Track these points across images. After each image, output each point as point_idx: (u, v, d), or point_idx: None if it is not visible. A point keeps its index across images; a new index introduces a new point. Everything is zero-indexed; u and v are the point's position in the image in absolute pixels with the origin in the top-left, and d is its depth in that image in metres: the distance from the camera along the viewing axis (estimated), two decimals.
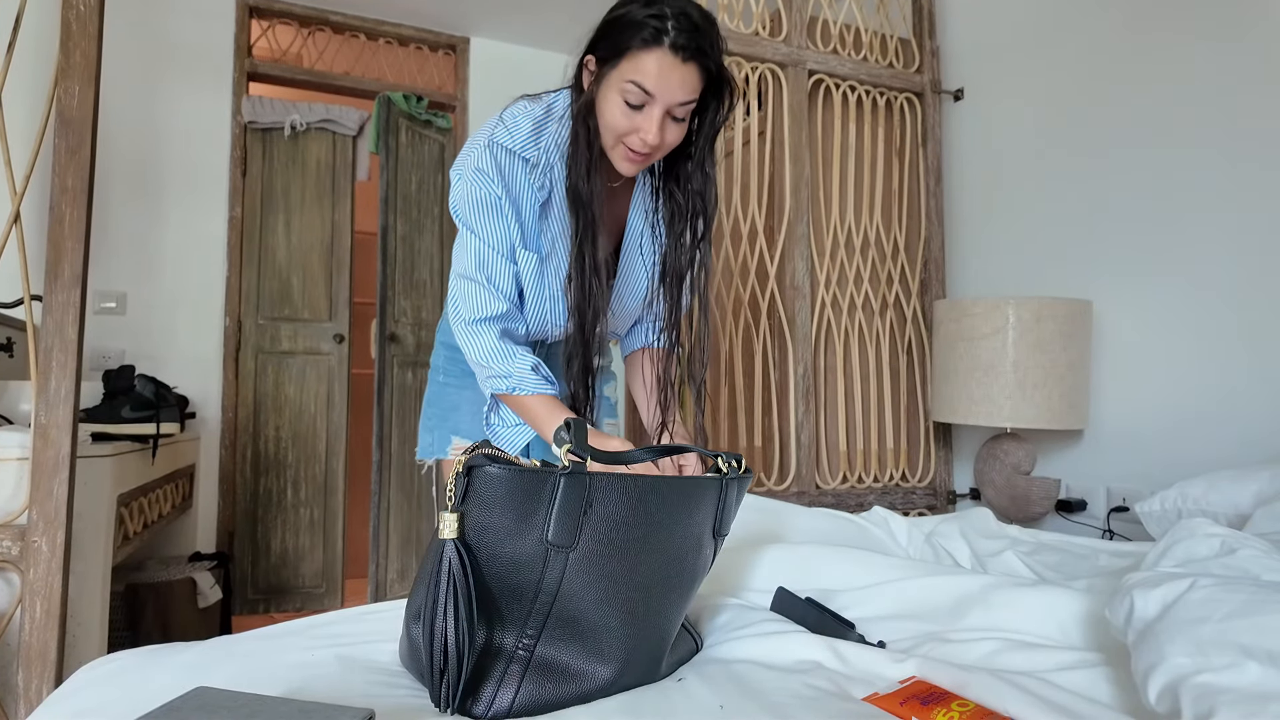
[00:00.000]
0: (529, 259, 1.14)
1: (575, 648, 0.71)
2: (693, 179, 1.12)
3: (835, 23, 2.41)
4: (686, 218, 1.14)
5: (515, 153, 1.10)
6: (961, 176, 2.51)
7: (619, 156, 1.06)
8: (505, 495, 0.67)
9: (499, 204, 1.09)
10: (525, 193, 1.11)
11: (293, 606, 3.03)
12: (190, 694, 0.59)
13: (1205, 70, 1.86)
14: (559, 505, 0.68)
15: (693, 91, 1.01)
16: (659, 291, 1.18)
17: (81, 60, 1.40)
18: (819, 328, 2.35)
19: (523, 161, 1.10)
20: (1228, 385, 1.80)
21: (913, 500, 2.40)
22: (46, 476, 1.34)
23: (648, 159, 1.05)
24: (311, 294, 3.14)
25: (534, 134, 1.10)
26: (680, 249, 1.15)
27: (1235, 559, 0.79)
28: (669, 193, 1.15)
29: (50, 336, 1.36)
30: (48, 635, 1.32)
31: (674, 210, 1.15)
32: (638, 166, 1.06)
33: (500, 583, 0.69)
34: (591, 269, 1.09)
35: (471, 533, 0.67)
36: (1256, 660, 0.59)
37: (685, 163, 1.13)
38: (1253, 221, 1.77)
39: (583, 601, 0.71)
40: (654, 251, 1.18)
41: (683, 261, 1.16)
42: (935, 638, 0.88)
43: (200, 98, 2.95)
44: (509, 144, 1.09)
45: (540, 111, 1.11)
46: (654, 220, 1.18)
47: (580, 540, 0.69)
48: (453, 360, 1.32)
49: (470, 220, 1.11)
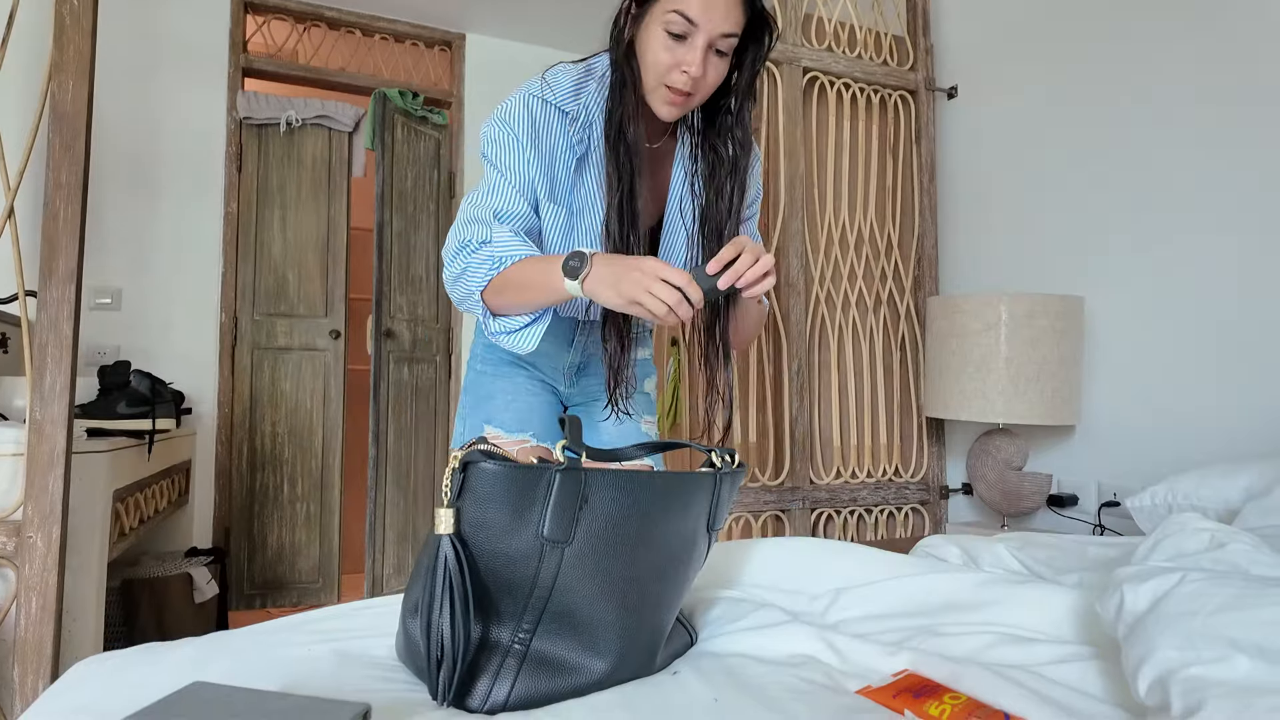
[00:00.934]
0: (555, 211, 1.10)
1: (571, 642, 0.71)
2: (733, 130, 1.11)
3: (829, 20, 2.41)
4: (727, 169, 1.12)
5: (553, 104, 1.08)
6: (955, 174, 2.52)
7: (660, 100, 1.03)
8: (501, 491, 0.68)
9: (520, 143, 1.07)
10: (561, 145, 1.09)
11: (289, 602, 3.03)
12: (186, 689, 0.59)
13: (1198, 68, 1.87)
14: (554, 501, 0.69)
15: (736, 24, 1.00)
16: (699, 245, 1.14)
17: (75, 55, 1.40)
18: (813, 324, 2.36)
19: (560, 113, 1.08)
20: (1218, 381, 1.81)
21: (905, 495, 2.41)
22: (42, 472, 1.34)
23: (689, 101, 1.03)
24: (307, 290, 3.13)
25: (574, 90, 1.08)
26: (720, 201, 1.12)
27: (1224, 553, 0.79)
28: (709, 146, 1.13)
29: (45, 332, 1.36)
30: (43, 631, 1.32)
31: (713, 162, 1.12)
32: (679, 109, 1.04)
33: (496, 578, 0.69)
34: (629, 221, 1.05)
35: (468, 528, 0.68)
36: (1245, 653, 0.60)
37: (724, 116, 1.11)
38: (1245, 219, 1.78)
39: (578, 596, 0.71)
40: (694, 211, 1.15)
41: (723, 213, 1.13)
42: (928, 631, 0.88)
43: (196, 93, 2.94)
44: (547, 96, 1.07)
45: (581, 70, 1.10)
46: (694, 180, 1.15)
47: (576, 536, 0.70)
48: (490, 348, 1.28)
49: (491, 154, 1.09)
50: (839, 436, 2.37)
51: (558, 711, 0.68)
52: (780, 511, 2.25)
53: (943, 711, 0.68)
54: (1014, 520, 2.17)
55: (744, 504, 2.20)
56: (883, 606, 0.96)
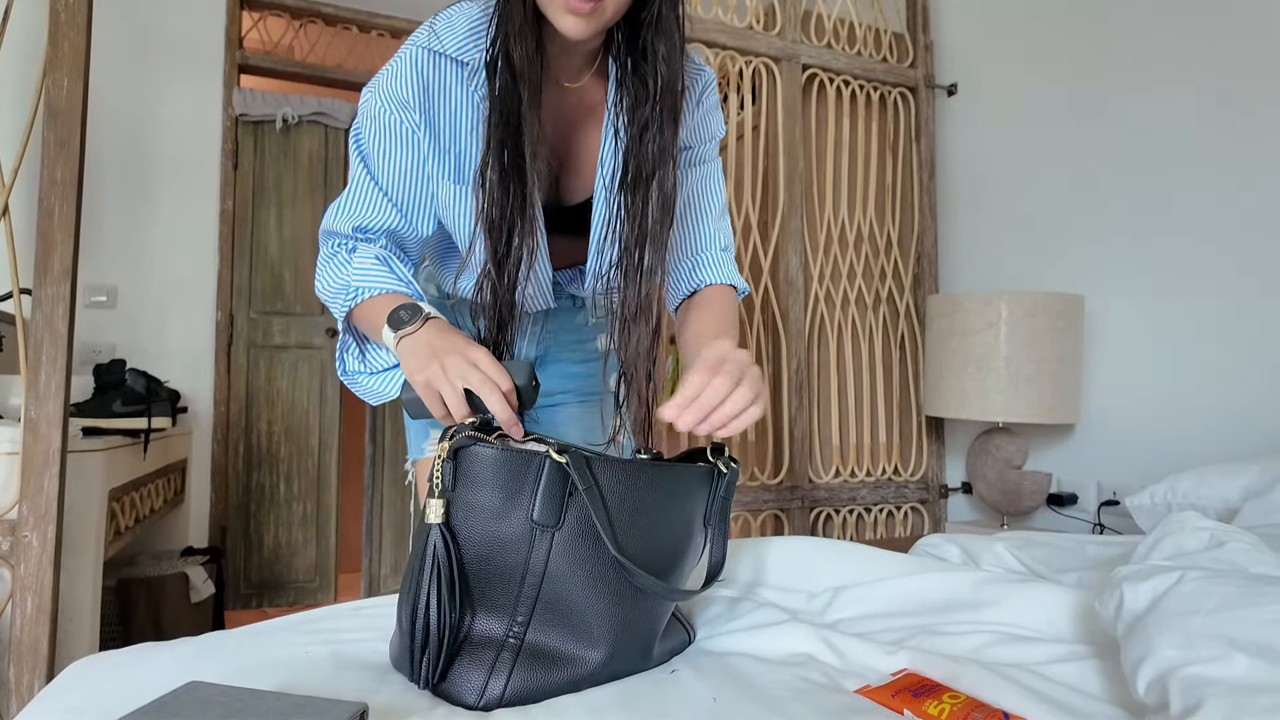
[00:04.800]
0: (458, 194, 0.90)
1: (565, 633, 0.71)
2: (656, 43, 0.86)
3: (829, 17, 2.41)
4: (651, 97, 0.87)
5: (447, 55, 0.87)
6: (954, 171, 2.52)
7: (558, 10, 0.79)
8: (492, 475, 0.68)
9: (398, 127, 0.87)
10: (463, 107, 0.88)
11: (286, 601, 3.02)
12: (182, 688, 0.59)
13: (1198, 66, 1.87)
14: (544, 485, 0.69)
15: None
16: (617, 203, 0.89)
17: (70, 52, 1.39)
18: (812, 322, 2.35)
19: (457, 65, 0.87)
20: (1218, 380, 1.81)
21: (905, 495, 2.41)
22: (37, 471, 1.34)
23: (595, 11, 0.78)
24: (304, 288, 3.12)
25: (471, 33, 0.87)
26: (646, 139, 0.87)
27: (1224, 552, 0.79)
28: (632, 69, 0.88)
29: (40, 330, 1.35)
30: (39, 630, 1.32)
31: (637, 90, 0.88)
32: (584, 23, 0.79)
33: (488, 565, 0.69)
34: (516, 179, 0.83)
35: (459, 513, 0.69)
36: (1245, 652, 0.60)
37: (646, 30, 0.86)
38: (1244, 217, 1.77)
39: (570, 584, 0.71)
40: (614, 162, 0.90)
41: (650, 157, 0.87)
42: (927, 631, 0.88)
43: (191, 90, 2.93)
44: (438, 47, 0.86)
45: (479, 10, 0.88)
46: (618, 119, 0.90)
47: (566, 520, 0.70)
48: None
49: (364, 140, 0.90)
50: (838, 435, 2.37)
51: (555, 710, 0.68)
52: (779, 510, 2.25)
53: (942, 711, 0.68)
54: (1013, 519, 2.17)
55: (743, 503, 2.19)
56: (882, 606, 0.96)
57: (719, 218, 1.04)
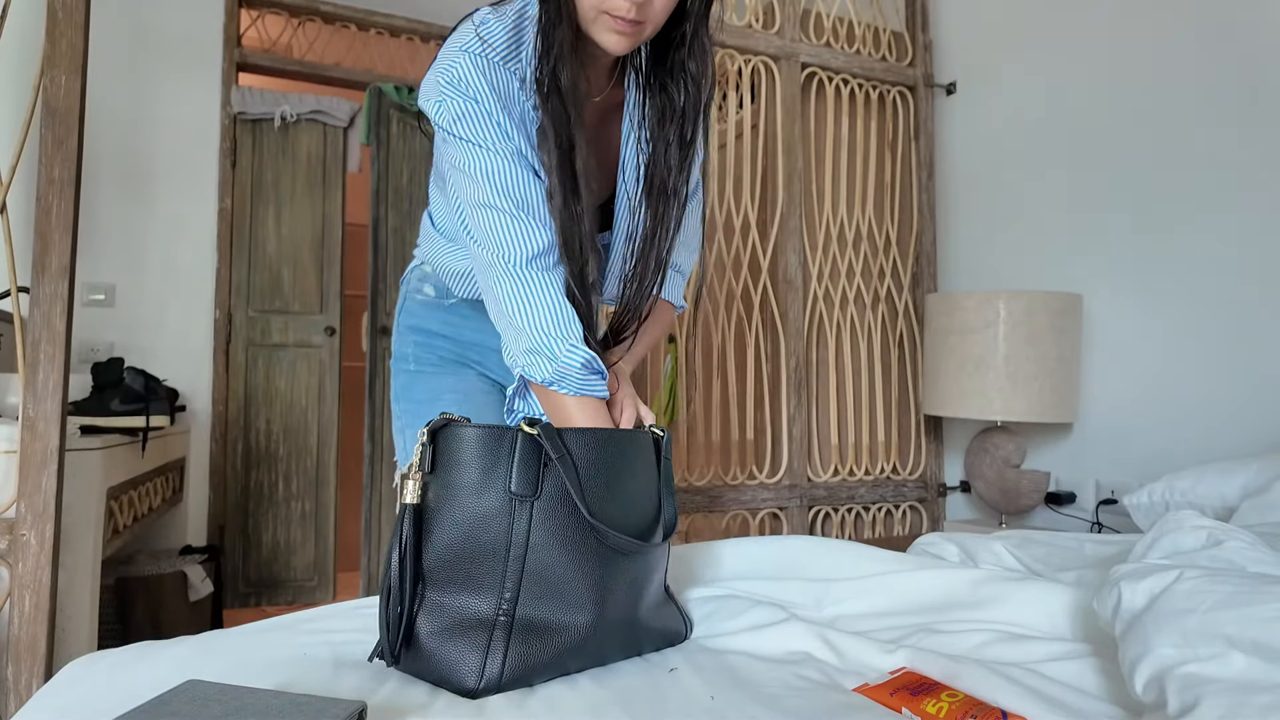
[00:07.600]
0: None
1: (552, 602, 0.73)
2: (686, 63, 0.91)
3: (828, 15, 2.41)
4: (678, 114, 0.93)
5: (501, 66, 0.89)
6: (953, 170, 2.52)
7: (602, 28, 0.84)
8: (469, 451, 0.72)
9: (499, 114, 0.88)
10: (517, 108, 0.90)
11: (285, 600, 3.02)
12: (181, 687, 0.59)
13: (1198, 65, 1.87)
14: (519, 456, 0.72)
15: None
16: (640, 206, 0.96)
17: (68, 49, 1.38)
18: (811, 321, 2.35)
19: (511, 75, 0.89)
20: (1216, 379, 1.81)
21: (903, 493, 2.41)
22: (35, 470, 1.34)
23: (636, 30, 0.83)
24: (302, 286, 3.12)
25: (513, 44, 0.89)
26: (669, 153, 0.94)
27: (1222, 551, 0.79)
28: (660, 87, 0.93)
29: (38, 329, 1.35)
30: (37, 629, 1.32)
31: (664, 106, 0.93)
32: (626, 40, 0.84)
33: (473, 542, 0.72)
34: (570, 188, 0.88)
35: (442, 495, 0.72)
36: (1242, 650, 0.60)
37: (677, 49, 0.91)
38: (1243, 217, 1.78)
39: (552, 553, 0.73)
40: (639, 170, 0.96)
41: (670, 167, 0.94)
42: (925, 629, 0.88)
43: (189, 88, 2.92)
44: (494, 56, 0.88)
45: (512, 20, 0.90)
46: (640, 132, 0.95)
47: (543, 490, 0.73)
48: (427, 346, 1.12)
49: (472, 133, 0.87)
50: (837, 434, 2.37)
51: (554, 707, 0.68)
52: (778, 509, 2.25)
53: (940, 709, 0.68)
54: (1012, 518, 2.17)
55: (742, 502, 2.19)
56: (880, 604, 0.96)
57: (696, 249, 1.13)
